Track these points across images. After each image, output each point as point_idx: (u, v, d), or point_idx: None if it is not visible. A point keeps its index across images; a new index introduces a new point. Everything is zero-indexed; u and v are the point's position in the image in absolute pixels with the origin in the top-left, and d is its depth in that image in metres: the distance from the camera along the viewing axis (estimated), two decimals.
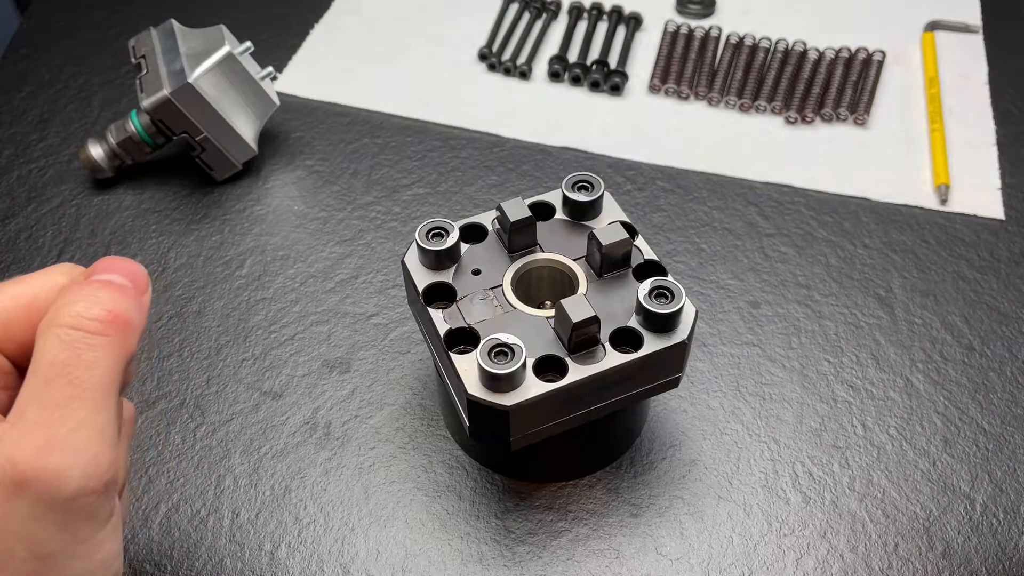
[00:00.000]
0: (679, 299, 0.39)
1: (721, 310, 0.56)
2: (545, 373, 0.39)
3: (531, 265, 0.43)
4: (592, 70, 0.71)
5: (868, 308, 0.56)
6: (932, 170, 0.64)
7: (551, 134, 0.67)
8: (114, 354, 0.30)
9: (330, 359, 0.53)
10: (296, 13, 0.78)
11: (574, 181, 0.45)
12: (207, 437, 0.50)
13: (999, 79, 0.71)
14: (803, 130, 0.68)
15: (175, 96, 0.57)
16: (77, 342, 0.30)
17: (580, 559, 0.45)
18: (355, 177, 0.64)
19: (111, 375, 0.30)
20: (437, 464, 0.49)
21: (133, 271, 0.33)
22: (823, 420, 0.50)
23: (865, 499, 0.47)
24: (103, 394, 0.30)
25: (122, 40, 0.75)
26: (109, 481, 0.30)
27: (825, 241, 0.60)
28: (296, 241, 0.60)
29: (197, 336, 0.55)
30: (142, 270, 0.33)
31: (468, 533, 0.46)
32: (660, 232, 0.60)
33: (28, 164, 0.66)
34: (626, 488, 0.48)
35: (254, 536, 0.46)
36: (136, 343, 0.31)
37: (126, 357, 0.31)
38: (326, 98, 0.70)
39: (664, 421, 0.50)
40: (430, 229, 0.43)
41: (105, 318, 0.30)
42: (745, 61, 0.72)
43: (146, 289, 0.33)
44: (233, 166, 0.63)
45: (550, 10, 0.77)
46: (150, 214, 0.62)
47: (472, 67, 0.73)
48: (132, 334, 0.31)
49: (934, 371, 0.53)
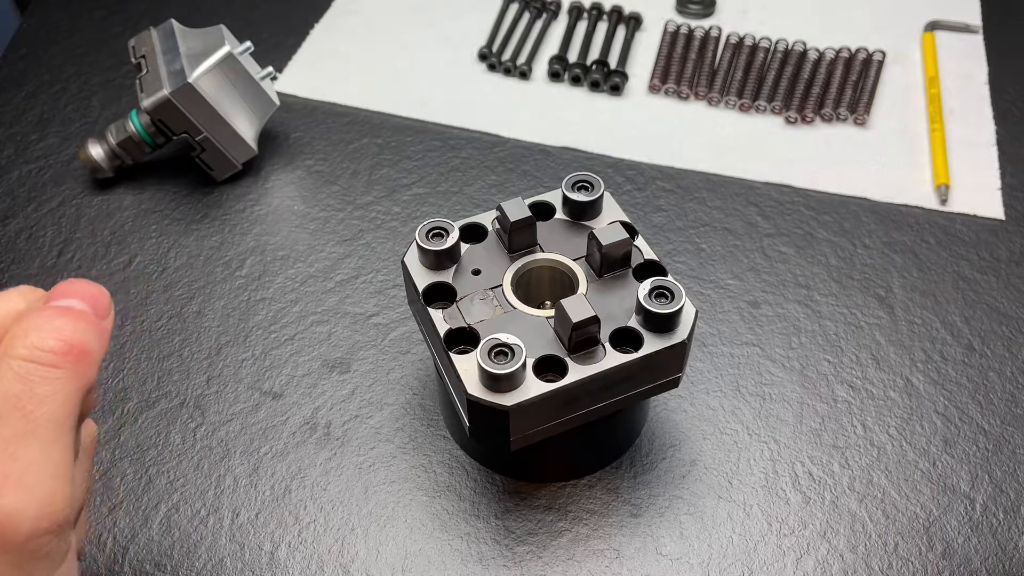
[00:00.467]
0: (679, 299, 0.39)
1: (721, 310, 0.56)
2: (545, 373, 0.39)
3: (531, 265, 0.43)
4: (592, 70, 0.71)
5: (868, 308, 0.56)
6: (932, 170, 0.64)
7: (551, 134, 0.67)
8: (70, 386, 0.29)
9: (330, 359, 0.53)
10: (296, 13, 0.78)
11: (574, 181, 0.45)
12: (207, 437, 0.50)
13: (999, 79, 0.71)
14: (803, 130, 0.68)
15: (175, 96, 0.57)
16: (31, 375, 0.28)
17: (580, 559, 0.45)
18: (355, 177, 0.64)
19: (66, 409, 0.29)
20: (437, 464, 0.49)
21: (93, 295, 0.31)
22: (823, 420, 0.50)
23: (865, 499, 0.47)
24: (58, 429, 0.28)
25: (122, 40, 0.75)
26: (64, 521, 0.28)
27: (825, 241, 0.60)
28: (296, 241, 0.60)
29: (197, 336, 0.55)
30: (104, 294, 0.32)
31: (468, 533, 0.46)
32: (660, 232, 0.60)
33: (28, 164, 0.66)
34: (626, 488, 0.48)
35: (254, 536, 0.46)
36: (95, 372, 0.30)
37: (84, 388, 0.29)
38: (326, 98, 0.70)
39: (664, 421, 0.50)
40: (430, 229, 0.43)
41: (60, 349, 0.29)
42: (745, 61, 0.72)
43: (107, 313, 0.32)
44: (233, 166, 0.63)
45: (550, 10, 0.77)
46: (150, 214, 0.62)
47: (472, 67, 0.73)
48: (90, 364, 0.30)
49: (934, 371, 0.53)
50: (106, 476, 0.48)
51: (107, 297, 0.32)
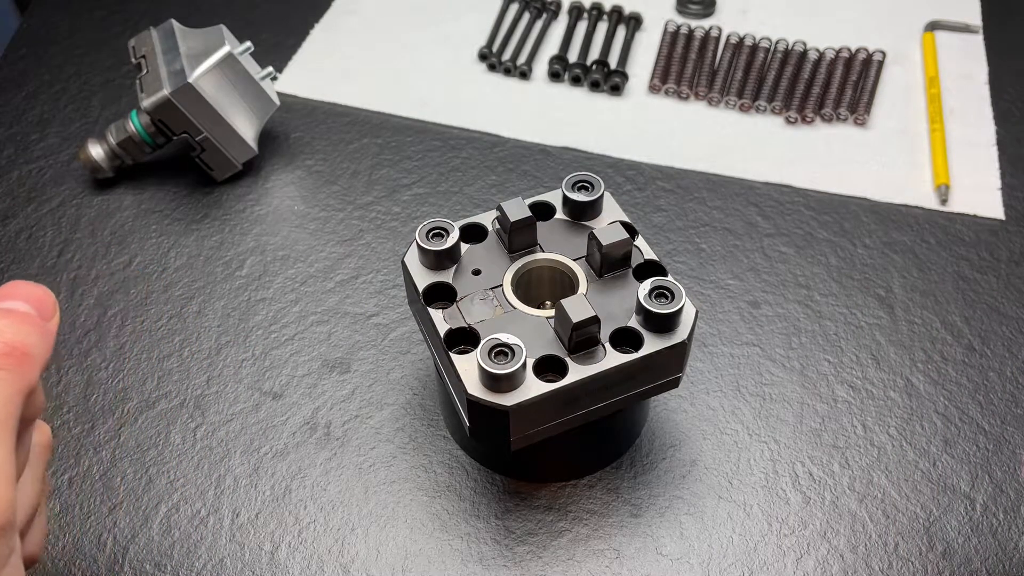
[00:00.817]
0: (679, 299, 0.39)
1: (721, 310, 0.56)
2: (545, 373, 0.39)
3: (531, 265, 0.43)
4: (592, 70, 0.71)
5: (868, 308, 0.56)
6: (932, 170, 0.64)
7: (551, 134, 0.67)
8: (11, 388, 0.28)
9: (330, 359, 0.53)
10: (296, 13, 0.78)
11: (574, 181, 0.45)
12: (207, 437, 0.50)
13: (999, 79, 0.71)
14: (803, 130, 0.68)
15: (175, 96, 0.57)
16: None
17: (580, 559, 0.45)
18: (355, 177, 0.64)
19: (7, 411, 0.28)
20: (437, 464, 0.49)
21: (38, 297, 0.31)
22: (823, 420, 0.50)
23: (865, 499, 0.47)
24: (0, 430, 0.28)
25: (122, 40, 0.75)
26: (7, 523, 0.27)
27: (825, 241, 0.60)
28: (296, 241, 0.60)
29: (197, 336, 0.55)
30: (49, 295, 0.32)
31: (468, 533, 0.46)
32: (660, 232, 0.60)
33: (28, 164, 0.66)
34: (626, 488, 0.48)
35: (254, 536, 0.46)
36: (37, 374, 0.30)
37: (25, 390, 0.29)
38: (326, 98, 0.70)
39: (664, 421, 0.50)
40: (430, 229, 0.43)
41: (1, 351, 0.29)
42: (745, 61, 0.72)
43: (52, 315, 0.31)
44: (233, 166, 0.63)
45: (550, 10, 0.77)
46: (150, 214, 0.62)
47: (472, 67, 0.73)
48: (31, 366, 0.29)
49: (934, 371, 0.53)
50: (106, 476, 0.48)
51: (52, 299, 0.32)
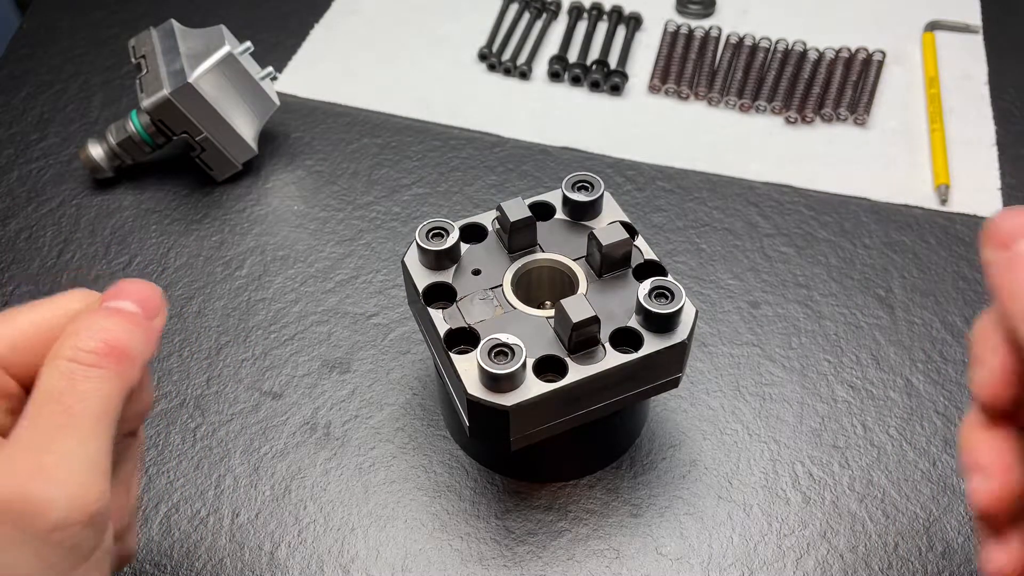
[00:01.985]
0: (679, 299, 0.39)
1: (721, 310, 0.56)
2: (545, 373, 0.39)
3: (531, 265, 0.43)
4: (592, 70, 0.71)
5: (868, 308, 0.56)
6: (932, 170, 0.64)
7: (551, 134, 0.67)
8: (110, 385, 0.30)
9: (330, 359, 0.53)
10: (296, 13, 0.78)
11: (574, 181, 0.45)
12: (207, 437, 0.50)
13: (999, 79, 0.71)
14: (803, 130, 0.68)
15: (175, 96, 0.57)
16: (74, 373, 0.30)
17: (580, 559, 0.45)
18: (355, 177, 0.64)
19: (105, 406, 0.30)
20: (437, 464, 0.49)
21: (146, 296, 0.33)
22: (823, 420, 0.50)
23: (865, 499, 0.47)
24: (96, 424, 0.30)
25: (122, 40, 0.75)
26: (95, 513, 0.29)
27: (825, 241, 0.60)
28: (296, 241, 0.60)
29: (197, 336, 0.55)
30: (156, 293, 0.33)
31: (468, 533, 0.46)
32: (660, 232, 0.60)
33: (28, 164, 0.66)
34: (626, 488, 0.48)
35: (254, 536, 0.46)
36: (138, 372, 0.31)
37: (126, 387, 0.31)
38: (326, 98, 0.70)
39: (664, 421, 0.50)
40: (430, 229, 0.43)
41: (100, 350, 0.30)
42: (745, 61, 0.72)
43: (158, 312, 0.33)
44: (233, 166, 0.63)
45: (550, 10, 0.77)
46: (150, 214, 0.62)
47: (472, 67, 0.73)
48: (131, 365, 0.31)
49: (934, 371, 0.53)
50: None
51: (158, 297, 0.33)
